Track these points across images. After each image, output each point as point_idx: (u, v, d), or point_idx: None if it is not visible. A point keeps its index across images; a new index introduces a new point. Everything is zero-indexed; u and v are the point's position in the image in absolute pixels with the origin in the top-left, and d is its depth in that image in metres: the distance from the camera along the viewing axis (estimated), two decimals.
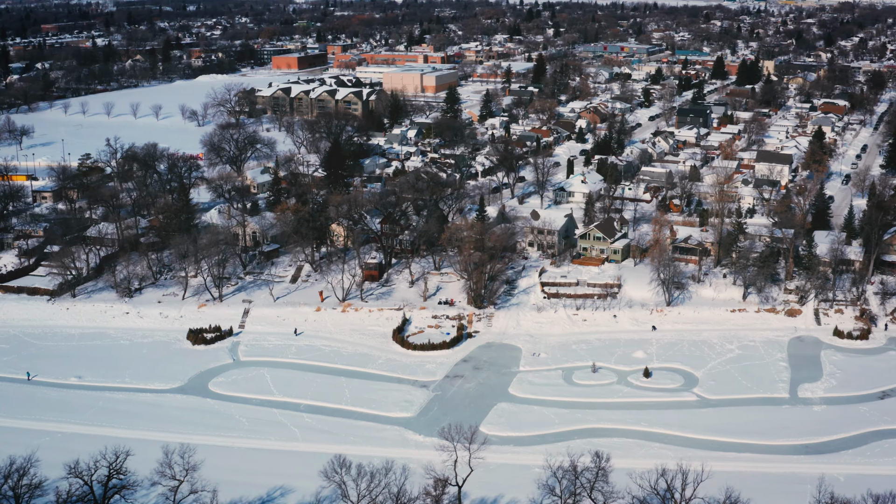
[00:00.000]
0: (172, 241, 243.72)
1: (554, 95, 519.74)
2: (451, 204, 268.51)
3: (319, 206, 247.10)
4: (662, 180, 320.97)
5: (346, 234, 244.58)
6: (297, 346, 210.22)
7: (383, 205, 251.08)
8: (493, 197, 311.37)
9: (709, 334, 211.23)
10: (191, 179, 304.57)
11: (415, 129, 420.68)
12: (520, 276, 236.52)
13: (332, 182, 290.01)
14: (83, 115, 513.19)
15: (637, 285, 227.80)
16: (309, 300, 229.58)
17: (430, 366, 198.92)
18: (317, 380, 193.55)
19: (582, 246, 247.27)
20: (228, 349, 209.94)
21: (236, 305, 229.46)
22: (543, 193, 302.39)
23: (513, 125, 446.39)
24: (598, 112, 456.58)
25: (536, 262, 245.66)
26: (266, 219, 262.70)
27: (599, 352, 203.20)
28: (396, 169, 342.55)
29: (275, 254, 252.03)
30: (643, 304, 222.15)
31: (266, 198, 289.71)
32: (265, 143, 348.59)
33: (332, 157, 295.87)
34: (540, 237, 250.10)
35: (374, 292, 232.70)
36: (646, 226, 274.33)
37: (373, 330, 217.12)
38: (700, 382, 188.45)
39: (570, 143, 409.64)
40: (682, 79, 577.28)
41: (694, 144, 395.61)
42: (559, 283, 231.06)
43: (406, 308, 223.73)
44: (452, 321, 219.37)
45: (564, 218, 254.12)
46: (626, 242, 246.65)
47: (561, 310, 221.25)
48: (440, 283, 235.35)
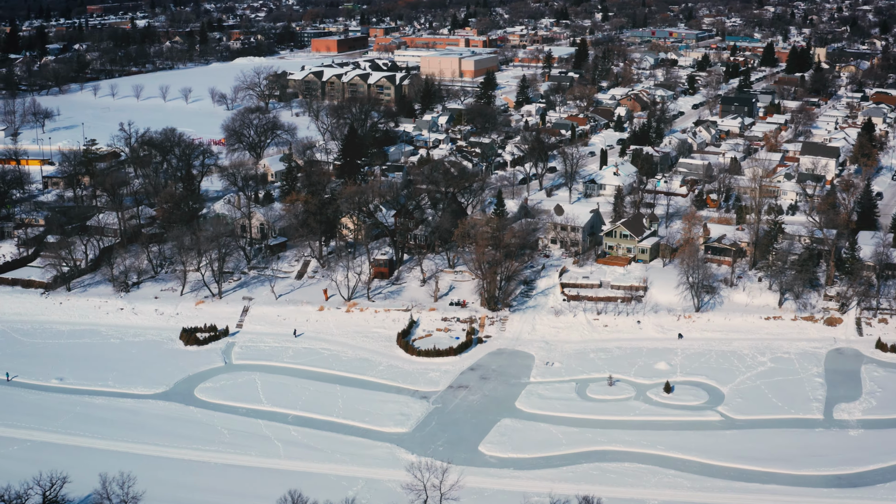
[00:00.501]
0: (171, 233, 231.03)
1: (595, 82, 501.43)
2: (470, 197, 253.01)
3: (328, 197, 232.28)
4: (700, 173, 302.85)
5: (356, 228, 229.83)
6: (294, 349, 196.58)
7: (396, 197, 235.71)
8: (520, 189, 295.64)
9: (739, 344, 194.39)
10: (203, 167, 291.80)
11: (447, 116, 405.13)
12: (539, 276, 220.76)
13: (347, 172, 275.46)
14: (112, 97, 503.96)
15: (665, 288, 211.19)
16: (313, 298, 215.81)
17: (434, 374, 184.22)
18: (310, 388, 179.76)
19: (607, 244, 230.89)
20: (222, 351, 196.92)
21: (236, 303, 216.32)
22: (573, 186, 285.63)
23: (549, 112, 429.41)
24: (638, 99, 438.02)
25: (558, 260, 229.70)
26: (274, 210, 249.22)
27: (619, 362, 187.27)
28: (421, 157, 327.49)
29: (281, 247, 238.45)
30: (670, 310, 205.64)
31: (280, 187, 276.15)
32: (285, 129, 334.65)
33: (349, 144, 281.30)
34: (563, 234, 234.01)
35: (382, 291, 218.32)
36: (679, 222, 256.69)
37: (377, 332, 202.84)
38: (726, 400, 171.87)
39: (608, 132, 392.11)
40: (730, 65, 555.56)
41: (737, 135, 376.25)
42: (580, 284, 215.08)
43: (414, 309, 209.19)
44: (463, 324, 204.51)
45: (590, 214, 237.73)
46: (655, 241, 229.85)
47: (581, 314, 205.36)
48: (454, 282, 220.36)
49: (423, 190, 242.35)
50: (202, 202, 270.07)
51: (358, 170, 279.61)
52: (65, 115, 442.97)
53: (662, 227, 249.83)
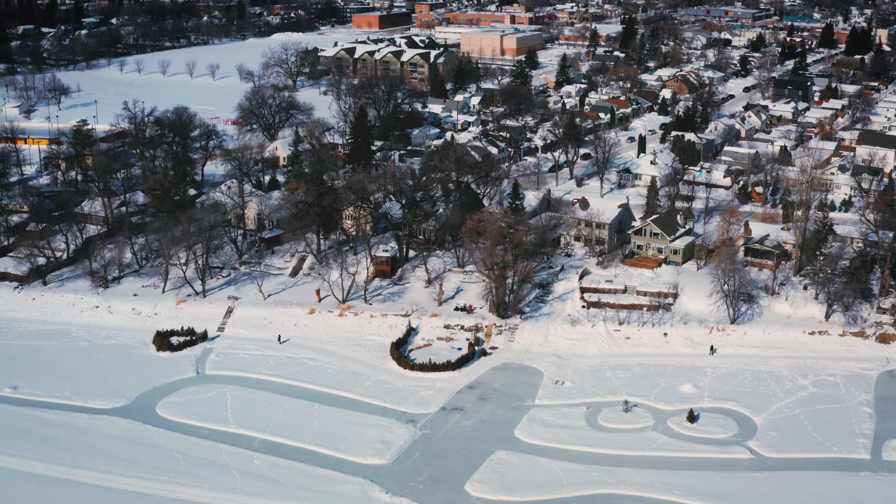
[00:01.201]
0: (152, 224, 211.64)
1: (641, 62, 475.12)
2: (488, 187, 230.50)
3: (326, 185, 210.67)
4: (746, 163, 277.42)
5: (357, 220, 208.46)
6: (276, 359, 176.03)
7: (402, 188, 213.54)
8: (548, 178, 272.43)
9: (779, 363, 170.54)
10: (207, 149, 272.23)
11: (480, 96, 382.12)
12: (557, 279, 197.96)
13: (357, 157, 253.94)
14: (139, 73, 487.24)
15: (697, 296, 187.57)
16: (304, 300, 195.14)
17: (427, 392, 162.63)
18: (285, 406, 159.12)
19: (636, 243, 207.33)
20: (196, 358, 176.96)
21: (220, 303, 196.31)
22: (605, 175, 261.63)
23: (591, 93, 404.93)
24: (686, 81, 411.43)
25: (580, 261, 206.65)
26: (273, 199, 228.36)
27: (639, 382, 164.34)
28: (445, 142, 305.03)
29: (277, 241, 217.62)
30: (702, 321, 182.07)
31: (286, 173, 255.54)
32: (301, 110, 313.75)
33: (359, 126, 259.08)
34: (587, 231, 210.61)
35: (382, 292, 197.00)
36: (718, 218, 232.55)
37: (371, 340, 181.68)
38: (758, 432, 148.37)
39: (651, 116, 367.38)
40: (786, 46, 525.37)
41: (790, 120, 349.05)
42: (602, 289, 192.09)
43: (415, 314, 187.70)
44: (468, 332, 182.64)
45: (618, 208, 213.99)
46: (689, 241, 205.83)
47: (600, 324, 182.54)
48: (462, 283, 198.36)
49: (435, 179, 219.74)
50: (200, 188, 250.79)
51: (369, 155, 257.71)
52: (86, 91, 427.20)
53: (700, 223, 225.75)
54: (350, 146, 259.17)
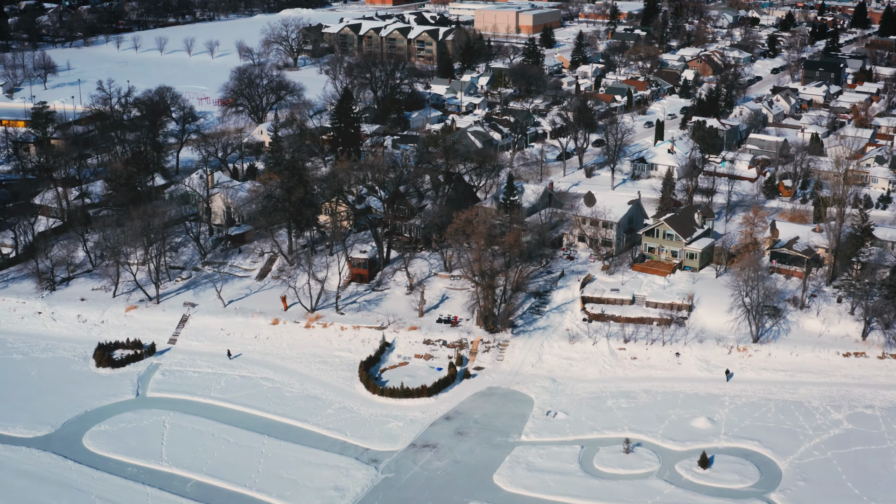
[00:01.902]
0: (103, 220, 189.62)
1: (663, 41, 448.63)
2: (484, 179, 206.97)
3: (298, 177, 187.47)
4: (774, 151, 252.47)
5: (333, 216, 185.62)
6: (228, 379, 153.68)
7: (382, 180, 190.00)
8: (555, 167, 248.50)
9: (808, 391, 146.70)
10: (183, 133, 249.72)
11: (489, 76, 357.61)
12: (555, 287, 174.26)
13: (340, 144, 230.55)
14: (135, 50, 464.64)
15: (715, 308, 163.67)
16: (269, 308, 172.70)
17: (396, 424, 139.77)
18: (230, 439, 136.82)
19: (647, 245, 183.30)
20: (139, 377, 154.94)
21: (174, 310, 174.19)
22: (617, 165, 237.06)
23: (609, 74, 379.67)
24: (710, 61, 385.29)
25: (584, 264, 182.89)
26: (244, 190, 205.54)
27: (644, 414, 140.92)
28: (445, 126, 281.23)
29: (246, 238, 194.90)
30: (720, 339, 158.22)
31: (266, 160, 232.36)
32: (290, 90, 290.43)
33: (342, 109, 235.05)
34: (593, 230, 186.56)
35: (357, 300, 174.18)
36: (743, 216, 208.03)
37: (339, 357, 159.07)
38: (783, 482, 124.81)
39: (671, 99, 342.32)
40: (816, 26, 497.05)
41: (821, 105, 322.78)
42: (607, 299, 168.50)
43: (392, 325, 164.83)
44: (450, 349, 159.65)
45: (628, 205, 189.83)
46: (708, 243, 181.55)
47: (602, 341, 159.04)
48: (448, 290, 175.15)
49: (422, 170, 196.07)
50: (170, 177, 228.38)
51: (355, 141, 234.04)
52: (77, 69, 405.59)
53: (720, 221, 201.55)
54: (333, 131, 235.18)
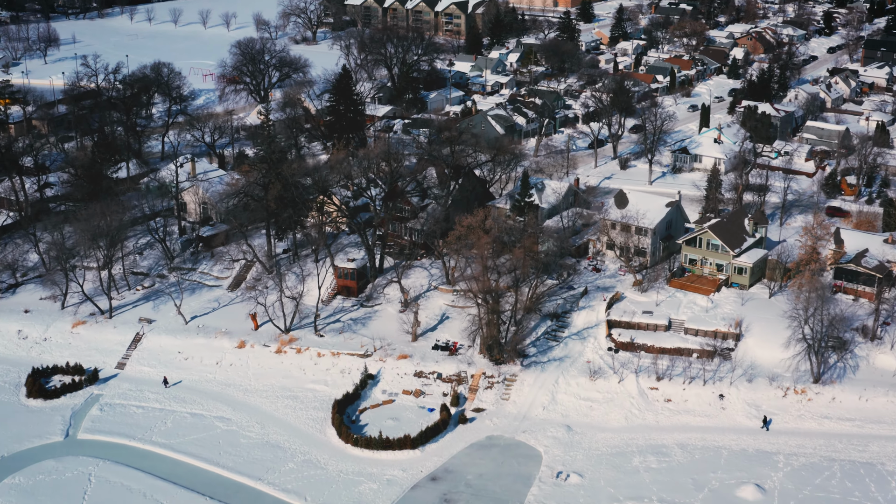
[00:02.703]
0: (48, 218, 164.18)
1: (710, 16, 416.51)
2: (499, 173, 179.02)
3: (273, 170, 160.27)
4: (835, 142, 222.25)
5: (320, 217, 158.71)
6: (176, 418, 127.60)
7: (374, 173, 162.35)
8: (587, 156, 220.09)
9: (882, 448, 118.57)
10: (169, 114, 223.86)
11: (518, 53, 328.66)
12: (577, 307, 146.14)
13: (337, 129, 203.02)
14: (149, 23, 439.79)
15: (768, 338, 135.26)
16: (236, 326, 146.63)
17: (369, 487, 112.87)
18: (164, 501, 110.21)
19: (688, 257, 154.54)
20: (73, 412, 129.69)
21: (127, 327, 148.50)
22: (655, 156, 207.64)
23: (650, 52, 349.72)
24: (761, 39, 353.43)
25: (612, 278, 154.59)
26: (223, 183, 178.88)
27: (678, 478, 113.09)
28: (465, 108, 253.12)
29: (219, 240, 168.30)
30: (773, 377, 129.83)
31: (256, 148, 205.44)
32: (295, 67, 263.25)
33: (341, 89, 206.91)
34: (624, 237, 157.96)
35: (341, 318, 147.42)
36: (800, 218, 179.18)
37: (312, 392, 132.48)
38: None
39: (719, 80, 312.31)
40: (875, 2, 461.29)
41: (884, 89, 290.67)
42: (638, 324, 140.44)
43: (379, 352, 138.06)
44: (446, 384, 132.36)
45: (666, 208, 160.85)
46: (760, 255, 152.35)
47: (631, 378, 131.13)
48: (448, 307, 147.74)
49: (423, 165, 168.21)
50: (148, 165, 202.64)
51: (355, 127, 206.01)
52: (85, 42, 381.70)
53: (774, 224, 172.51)
54: (329, 115, 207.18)
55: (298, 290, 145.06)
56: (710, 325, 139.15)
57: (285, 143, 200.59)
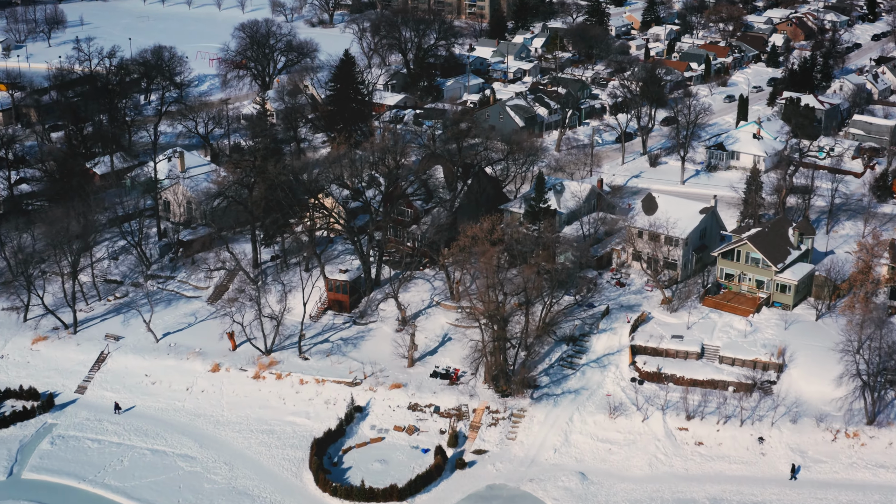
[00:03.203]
0: (12, 219, 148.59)
1: (747, 0, 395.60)
2: (513, 172, 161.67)
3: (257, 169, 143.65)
4: (885, 138, 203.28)
5: (311, 221, 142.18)
6: (135, 455, 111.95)
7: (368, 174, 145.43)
8: (613, 151, 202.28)
9: None
10: (163, 102, 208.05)
11: (544, 38, 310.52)
12: (597, 329, 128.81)
13: (338, 120, 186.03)
14: (162, 4, 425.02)
15: (815, 369, 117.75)
16: (213, 346, 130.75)
17: None
18: None
19: (724, 271, 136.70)
20: (21, 444, 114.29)
21: (93, 343, 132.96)
22: (687, 152, 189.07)
23: (684, 37, 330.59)
24: (801, 25, 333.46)
25: (638, 295, 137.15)
26: (209, 180, 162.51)
27: None
28: (482, 97, 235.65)
29: (203, 244, 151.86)
30: (822, 417, 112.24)
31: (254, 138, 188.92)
32: (301, 52, 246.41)
33: (342, 77, 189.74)
34: (651, 247, 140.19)
35: (330, 337, 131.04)
36: (848, 225, 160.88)
37: (291, 426, 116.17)
38: None
39: (757, 68, 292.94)
40: None
41: None
42: (665, 350, 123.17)
43: (369, 380, 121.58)
44: (444, 419, 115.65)
45: (700, 215, 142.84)
46: (806, 271, 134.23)
47: (657, 416, 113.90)
48: (452, 327, 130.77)
49: (427, 163, 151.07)
50: (135, 160, 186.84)
51: (357, 117, 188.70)
52: (93, 24, 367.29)
53: (821, 233, 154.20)
54: (330, 104, 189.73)
55: (283, 305, 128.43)
56: (748, 352, 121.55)
57: (283, 135, 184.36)
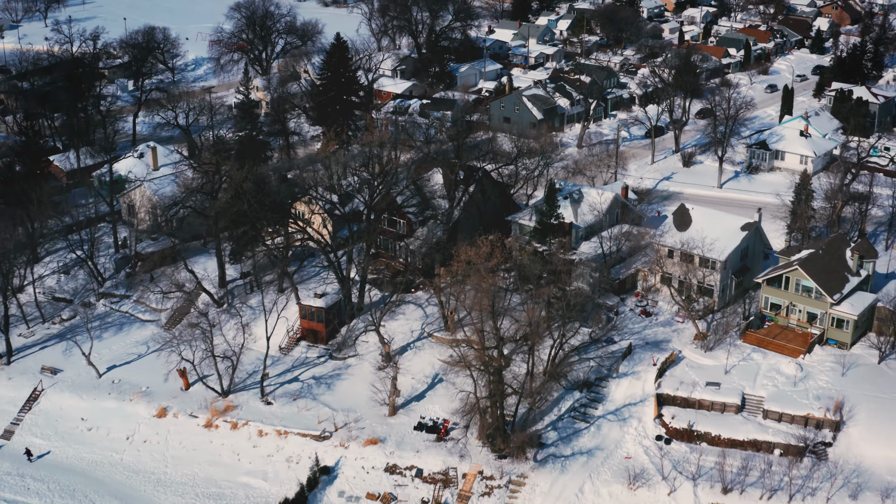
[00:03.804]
0: None
1: None
2: (525, 177, 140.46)
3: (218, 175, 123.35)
4: None
5: (285, 236, 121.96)
6: None
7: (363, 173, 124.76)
8: (642, 149, 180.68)
9: None
10: (141, 91, 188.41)
11: (570, 20, 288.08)
12: (616, 373, 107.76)
13: (329, 114, 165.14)
14: None
15: (880, 426, 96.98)
16: (162, 385, 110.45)
17: None
18: None
19: (768, 300, 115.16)
20: None
21: (27, 378, 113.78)
22: (725, 150, 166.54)
23: (721, 20, 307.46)
24: (848, 8, 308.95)
25: (667, 327, 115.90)
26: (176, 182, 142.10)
27: None
28: (499, 85, 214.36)
29: (165, 257, 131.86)
30: (888, 489, 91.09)
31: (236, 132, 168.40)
32: (301, 34, 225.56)
33: (333, 64, 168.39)
34: (684, 269, 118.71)
35: (300, 375, 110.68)
36: None
37: (244, 488, 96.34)
38: None
39: (801, 54, 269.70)
40: None
41: None
42: (700, 401, 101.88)
43: (341, 432, 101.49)
44: (427, 485, 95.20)
45: (741, 232, 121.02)
46: (867, 302, 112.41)
47: (686, 487, 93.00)
48: (444, 366, 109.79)
49: (429, 162, 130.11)
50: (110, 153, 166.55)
51: (353, 110, 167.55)
52: (97, 3, 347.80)
53: (883, 254, 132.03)
54: (320, 94, 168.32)
55: (243, 338, 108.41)
56: (798, 405, 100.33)
57: (270, 128, 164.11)
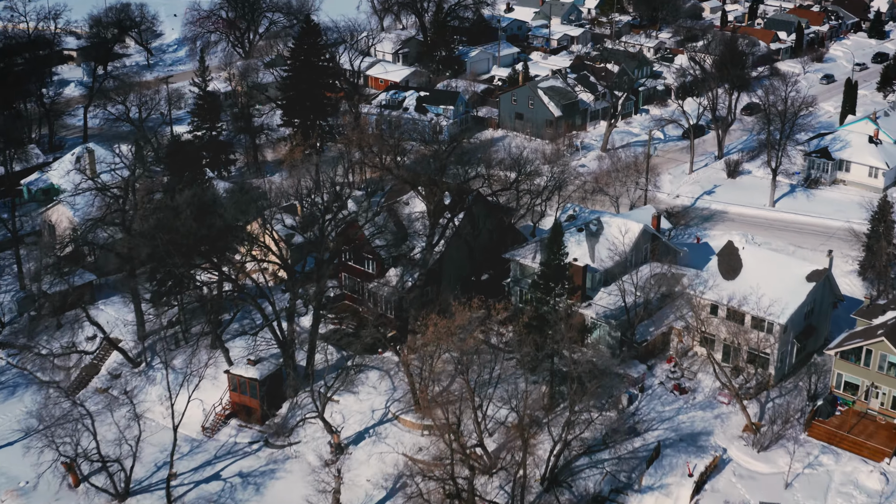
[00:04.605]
0: None
1: None
2: (530, 201, 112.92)
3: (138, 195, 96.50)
4: None
5: (219, 277, 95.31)
6: None
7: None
8: (678, 154, 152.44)
9: None
10: (94, 79, 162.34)
11: None
12: (637, 484, 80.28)
13: (299, 110, 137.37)
14: None
15: None
16: (49, 479, 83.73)
17: None
18: None
19: (842, 378, 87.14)
20: None
21: None
22: (780, 160, 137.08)
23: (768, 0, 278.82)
24: None
25: (707, 411, 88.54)
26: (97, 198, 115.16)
27: None
28: (512, 73, 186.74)
29: (80, 298, 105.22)
30: None
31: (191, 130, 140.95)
32: (289, 12, 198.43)
33: (302, 50, 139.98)
34: (732, 330, 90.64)
35: (224, 469, 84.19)
36: None
37: None
38: None
39: (858, 39, 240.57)
40: None
41: None
42: None
43: None
44: None
45: (808, 284, 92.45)
46: None
47: None
48: (409, 462, 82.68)
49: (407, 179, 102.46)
50: (50, 151, 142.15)
51: (321, 109, 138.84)
52: None
53: None
54: (288, 90, 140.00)
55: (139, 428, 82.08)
56: None
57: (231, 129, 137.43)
